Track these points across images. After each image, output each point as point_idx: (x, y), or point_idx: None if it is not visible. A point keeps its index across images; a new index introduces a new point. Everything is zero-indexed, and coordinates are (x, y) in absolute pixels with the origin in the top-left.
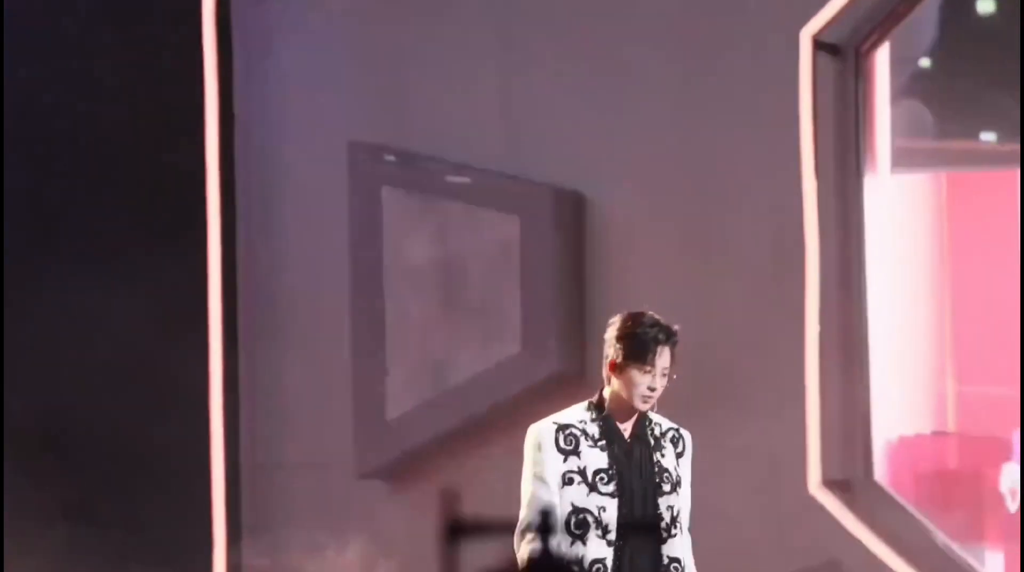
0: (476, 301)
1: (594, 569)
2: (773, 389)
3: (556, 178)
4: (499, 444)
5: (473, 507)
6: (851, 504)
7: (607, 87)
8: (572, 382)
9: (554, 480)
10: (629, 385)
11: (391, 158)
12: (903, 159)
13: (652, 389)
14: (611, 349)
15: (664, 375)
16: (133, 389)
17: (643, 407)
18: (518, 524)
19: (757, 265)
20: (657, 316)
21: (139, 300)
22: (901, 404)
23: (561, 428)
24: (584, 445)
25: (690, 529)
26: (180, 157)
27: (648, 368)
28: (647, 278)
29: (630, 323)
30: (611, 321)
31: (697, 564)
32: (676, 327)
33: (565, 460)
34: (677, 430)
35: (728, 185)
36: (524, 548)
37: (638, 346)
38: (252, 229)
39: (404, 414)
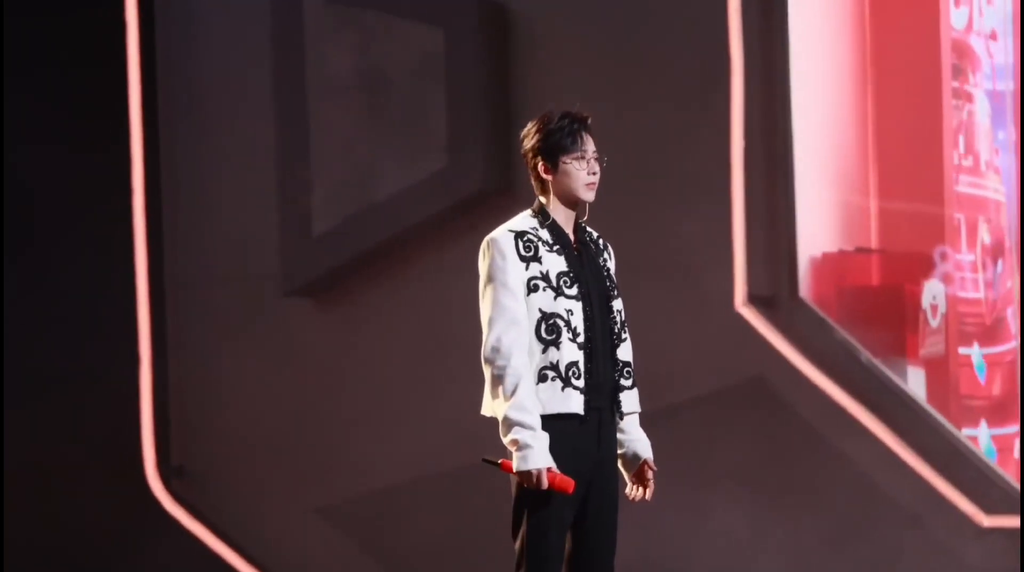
0: (401, 115)
1: (570, 372)
2: (698, 207)
3: None
4: (426, 260)
5: (397, 323)
6: (776, 321)
7: None
8: (499, 196)
9: (520, 288)
10: (569, 179)
11: None
12: None
13: (594, 174)
14: (536, 155)
15: (595, 159)
16: (50, 206)
17: (589, 196)
18: (485, 342)
19: (683, 78)
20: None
21: (60, 114)
22: (824, 221)
23: (519, 235)
24: (543, 250)
25: None
26: None
27: (580, 153)
28: (573, 92)
29: (543, 123)
30: (522, 134)
31: None
32: (587, 115)
33: (527, 267)
34: (604, 240)
35: None
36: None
37: (562, 137)
38: (172, 41)
39: (330, 229)
